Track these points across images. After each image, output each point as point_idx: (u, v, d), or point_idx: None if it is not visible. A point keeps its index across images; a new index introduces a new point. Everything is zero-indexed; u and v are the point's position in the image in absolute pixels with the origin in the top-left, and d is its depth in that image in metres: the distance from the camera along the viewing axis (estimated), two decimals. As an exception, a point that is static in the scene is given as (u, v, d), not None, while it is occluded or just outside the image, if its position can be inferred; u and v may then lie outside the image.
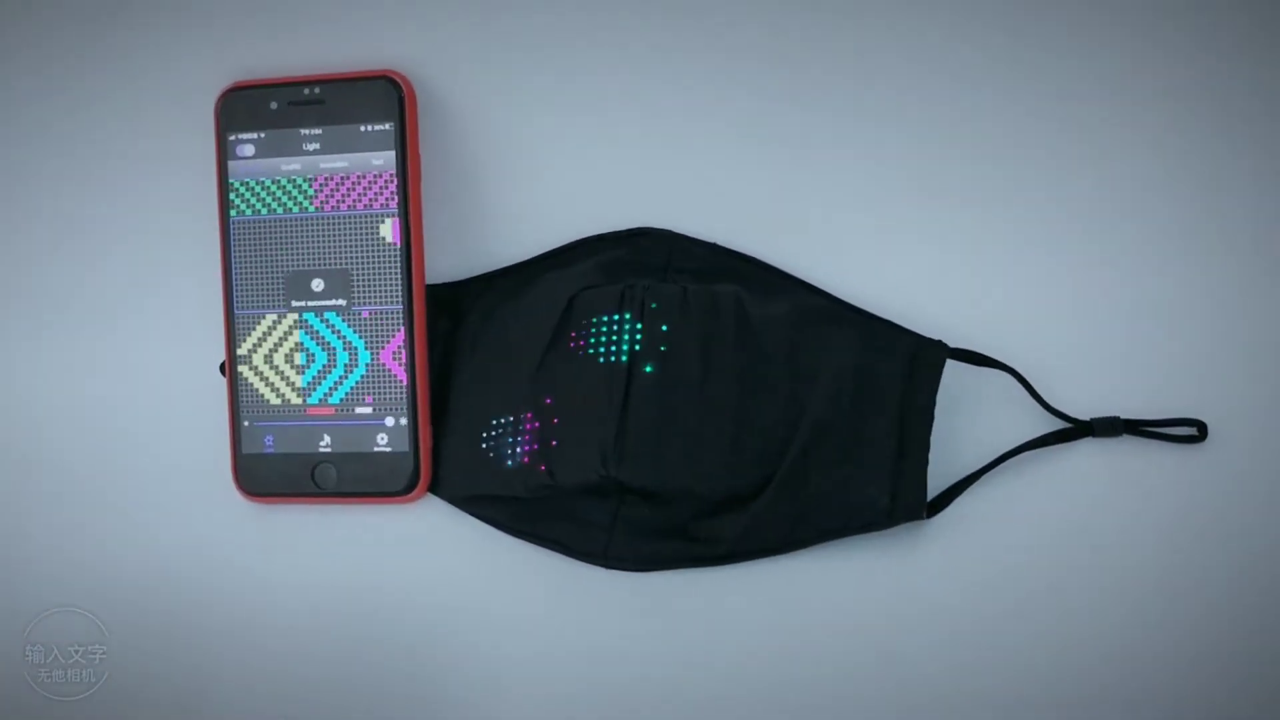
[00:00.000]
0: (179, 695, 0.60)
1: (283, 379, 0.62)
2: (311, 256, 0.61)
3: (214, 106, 0.62)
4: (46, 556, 0.63)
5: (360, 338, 0.61)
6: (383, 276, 0.61)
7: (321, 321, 0.61)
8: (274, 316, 0.62)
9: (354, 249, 0.61)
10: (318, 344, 0.61)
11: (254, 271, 0.62)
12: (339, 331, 0.61)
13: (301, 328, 0.61)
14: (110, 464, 0.64)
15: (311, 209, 0.61)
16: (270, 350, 0.62)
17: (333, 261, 0.61)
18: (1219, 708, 0.55)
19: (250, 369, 0.62)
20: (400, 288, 0.61)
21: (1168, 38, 0.60)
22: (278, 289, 0.62)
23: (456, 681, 0.59)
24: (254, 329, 0.62)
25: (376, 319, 0.61)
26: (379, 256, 0.61)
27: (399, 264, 0.61)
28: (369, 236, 0.61)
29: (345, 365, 0.61)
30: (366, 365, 0.61)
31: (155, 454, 0.64)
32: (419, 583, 0.61)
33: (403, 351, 0.61)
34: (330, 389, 0.61)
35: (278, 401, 0.62)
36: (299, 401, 0.62)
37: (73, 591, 0.62)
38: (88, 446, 0.65)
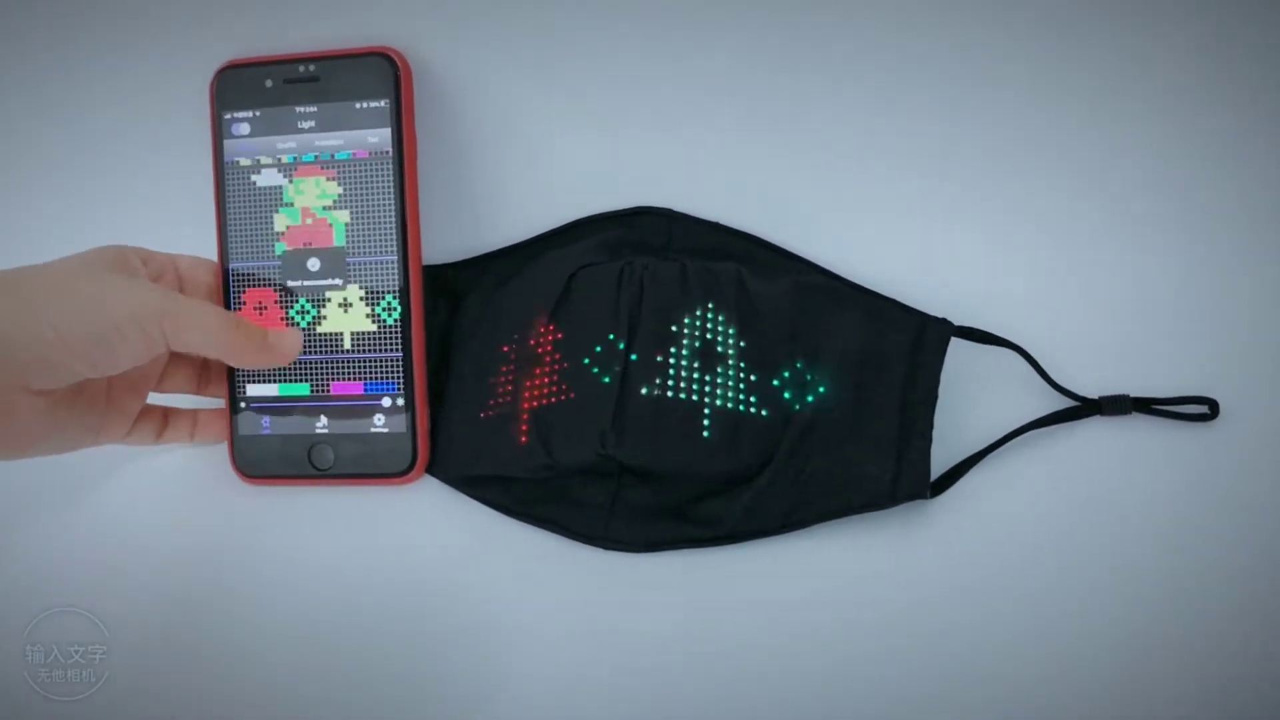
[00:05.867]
0: (179, 695, 0.60)
1: (279, 360, 0.61)
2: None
3: (209, 85, 0.61)
4: (46, 556, 0.63)
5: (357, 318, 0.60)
6: (379, 256, 0.60)
7: (317, 301, 0.61)
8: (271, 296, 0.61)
9: (350, 228, 0.60)
10: (314, 324, 0.61)
11: (250, 251, 0.61)
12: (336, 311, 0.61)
13: (297, 307, 0.61)
14: (108, 450, 0.63)
15: (307, 188, 0.61)
16: (267, 331, 0.61)
17: (328, 241, 0.61)
18: (1228, 689, 0.54)
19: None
20: (397, 268, 0.60)
21: (1177, 20, 0.59)
22: (274, 269, 0.61)
23: (455, 663, 0.58)
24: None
25: (372, 299, 0.60)
26: (375, 236, 0.60)
27: (395, 244, 0.60)
28: (365, 215, 0.60)
29: (342, 346, 0.61)
30: (363, 346, 0.60)
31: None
32: (417, 564, 0.60)
33: (400, 332, 0.60)
34: (328, 370, 0.61)
35: (275, 382, 0.61)
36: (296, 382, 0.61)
37: (73, 591, 0.61)
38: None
